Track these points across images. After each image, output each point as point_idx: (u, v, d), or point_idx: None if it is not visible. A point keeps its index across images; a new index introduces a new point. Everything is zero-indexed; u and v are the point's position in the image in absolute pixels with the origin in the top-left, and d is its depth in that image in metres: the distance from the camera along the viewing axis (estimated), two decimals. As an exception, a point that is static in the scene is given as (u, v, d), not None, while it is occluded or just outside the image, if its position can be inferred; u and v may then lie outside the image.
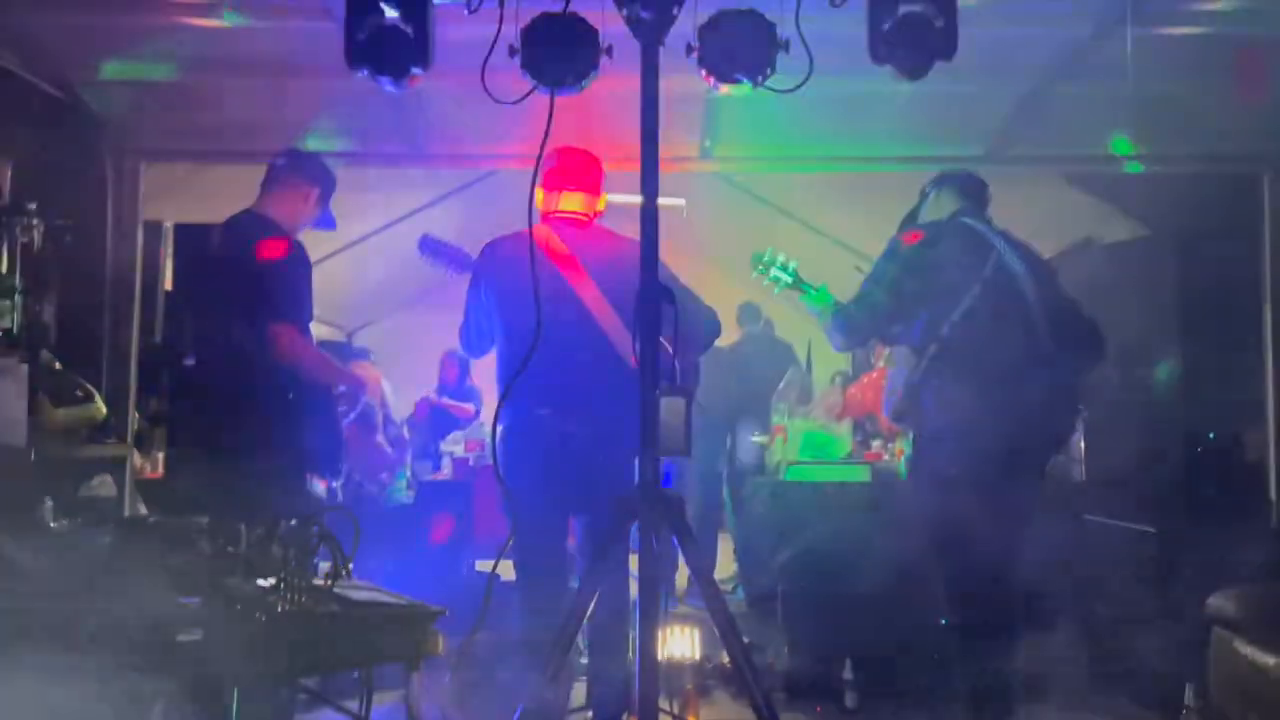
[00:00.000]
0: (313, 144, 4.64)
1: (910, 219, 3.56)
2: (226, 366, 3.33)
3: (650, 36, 1.94)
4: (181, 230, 4.97)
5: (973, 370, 3.11)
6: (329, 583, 2.13)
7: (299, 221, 3.56)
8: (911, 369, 3.24)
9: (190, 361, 3.53)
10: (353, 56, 2.13)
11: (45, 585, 1.97)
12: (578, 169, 3.29)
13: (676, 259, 3.45)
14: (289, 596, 1.92)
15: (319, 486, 3.90)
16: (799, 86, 1.98)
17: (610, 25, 1.96)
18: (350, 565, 2.33)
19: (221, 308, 3.35)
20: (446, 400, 7.39)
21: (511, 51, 1.95)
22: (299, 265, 3.45)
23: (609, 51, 1.95)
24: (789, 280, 3.59)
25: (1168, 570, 3.80)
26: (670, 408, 1.86)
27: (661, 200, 2.02)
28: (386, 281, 8.25)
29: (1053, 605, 4.01)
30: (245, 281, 3.33)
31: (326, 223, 3.73)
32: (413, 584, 2.75)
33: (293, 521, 2.13)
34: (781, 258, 3.66)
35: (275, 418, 3.30)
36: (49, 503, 3.62)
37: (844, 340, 3.40)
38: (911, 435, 3.49)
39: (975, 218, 3.34)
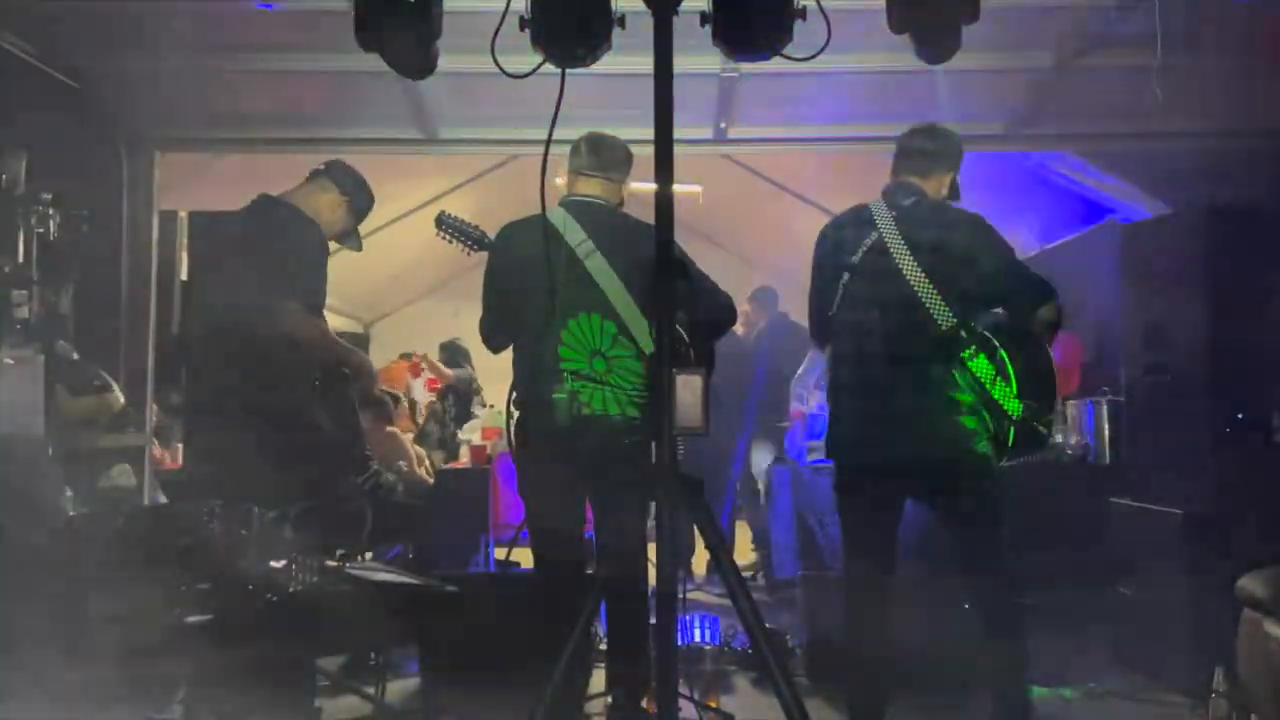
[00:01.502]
0: (328, 131, 4.65)
1: None
2: (244, 349, 3.30)
3: (663, 7, 1.89)
4: (198, 217, 4.97)
5: (851, 363, 3.04)
6: (341, 564, 2.12)
7: (321, 221, 3.53)
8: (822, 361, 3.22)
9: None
10: (363, 36, 2.10)
11: (61, 571, 1.96)
12: (604, 154, 3.25)
13: (692, 245, 3.41)
14: (301, 577, 1.90)
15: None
16: (815, 55, 1.93)
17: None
18: (367, 549, 2.31)
19: (238, 287, 3.33)
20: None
21: (522, 24, 1.91)
22: (315, 246, 3.43)
23: (621, 22, 1.91)
24: None
25: (1195, 552, 3.74)
26: (686, 385, 1.82)
27: (678, 187, 1.98)
28: (404, 271, 8.25)
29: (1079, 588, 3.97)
30: (261, 260, 3.32)
31: (352, 242, 3.70)
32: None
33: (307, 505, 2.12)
34: None
35: (292, 404, 3.28)
36: (68, 492, 3.64)
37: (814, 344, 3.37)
38: None
39: (884, 196, 3.14)
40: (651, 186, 1.95)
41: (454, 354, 7.38)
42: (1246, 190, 4.42)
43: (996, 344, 3.05)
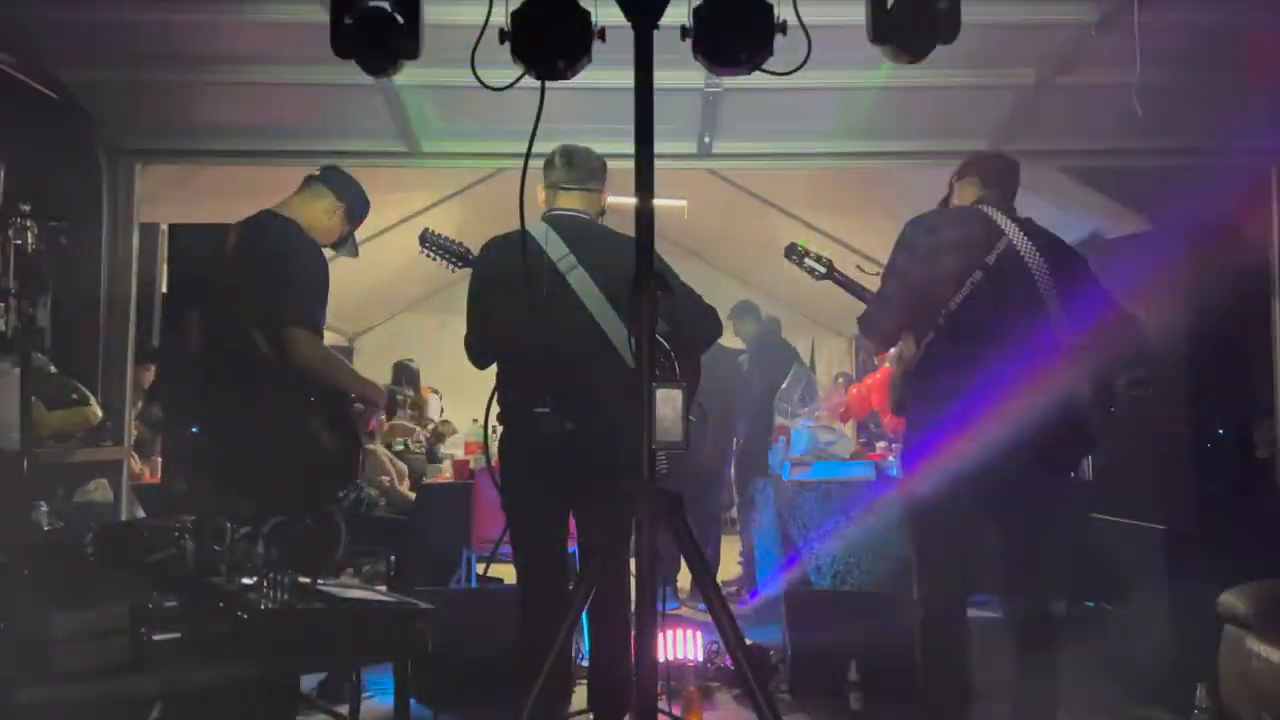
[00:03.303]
0: (310, 143, 4.63)
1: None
2: (241, 369, 3.24)
3: (644, 20, 1.89)
4: (182, 230, 4.93)
5: (967, 360, 3.00)
6: (313, 581, 2.09)
7: (319, 232, 3.49)
8: (909, 358, 3.17)
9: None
10: (340, 44, 2.09)
11: (31, 587, 1.92)
12: (579, 166, 3.24)
13: (676, 259, 3.40)
14: (272, 594, 1.87)
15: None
16: (797, 70, 1.93)
17: (603, 9, 1.92)
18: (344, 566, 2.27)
19: (236, 307, 3.25)
20: None
21: (502, 37, 1.91)
22: (317, 267, 3.36)
23: (601, 35, 1.90)
24: (823, 271, 3.60)
25: (1177, 568, 3.74)
26: (666, 399, 1.81)
27: (663, 201, 1.98)
28: (388, 284, 8.22)
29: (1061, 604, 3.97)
30: (262, 280, 3.24)
31: (349, 249, 3.66)
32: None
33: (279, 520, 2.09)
34: (814, 249, 3.66)
35: (292, 423, 3.23)
36: (43, 506, 3.60)
37: (868, 339, 3.34)
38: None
39: (994, 205, 3.19)
40: (633, 200, 1.94)
41: (400, 374, 7.37)
42: (1227, 206, 4.44)
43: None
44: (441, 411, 7.68)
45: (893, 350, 6.49)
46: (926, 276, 3.09)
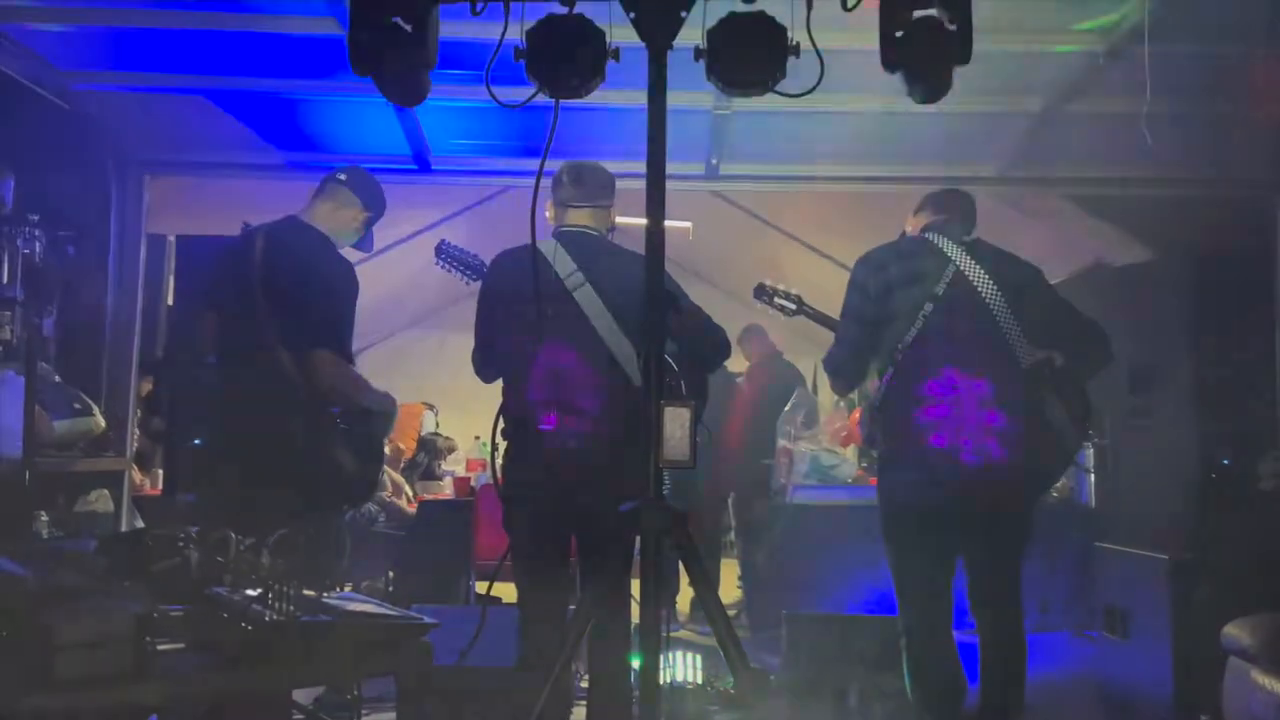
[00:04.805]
0: (319, 157, 4.64)
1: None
2: (262, 382, 3.22)
3: (658, 40, 1.90)
4: (189, 242, 4.93)
5: (928, 391, 3.01)
6: (318, 593, 2.08)
7: (342, 239, 3.48)
8: (874, 393, 3.18)
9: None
10: (357, 63, 2.09)
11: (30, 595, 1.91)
12: (588, 183, 3.24)
13: (682, 282, 3.41)
14: (277, 606, 1.86)
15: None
16: (808, 93, 1.94)
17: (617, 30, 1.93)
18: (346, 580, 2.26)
19: (261, 320, 3.20)
20: None
21: (517, 55, 1.91)
22: (349, 285, 3.34)
23: (615, 55, 1.91)
24: (793, 308, 3.63)
25: (1182, 599, 3.72)
26: (674, 418, 1.81)
27: (669, 223, 1.97)
28: (390, 301, 8.22)
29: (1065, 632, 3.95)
30: (292, 297, 3.20)
31: (365, 244, 3.66)
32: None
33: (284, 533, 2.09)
34: (783, 287, 3.69)
35: (314, 439, 3.21)
36: (44, 516, 3.59)
37: (834, 383, 3.35)
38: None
39: (940, 232, 3.22)
40: (642, 221, 1.94)
41: None
42: (1231, 236, 4.46)
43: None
44: (437, 426, 7.67)
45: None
46: (879, 314, 3.13)
